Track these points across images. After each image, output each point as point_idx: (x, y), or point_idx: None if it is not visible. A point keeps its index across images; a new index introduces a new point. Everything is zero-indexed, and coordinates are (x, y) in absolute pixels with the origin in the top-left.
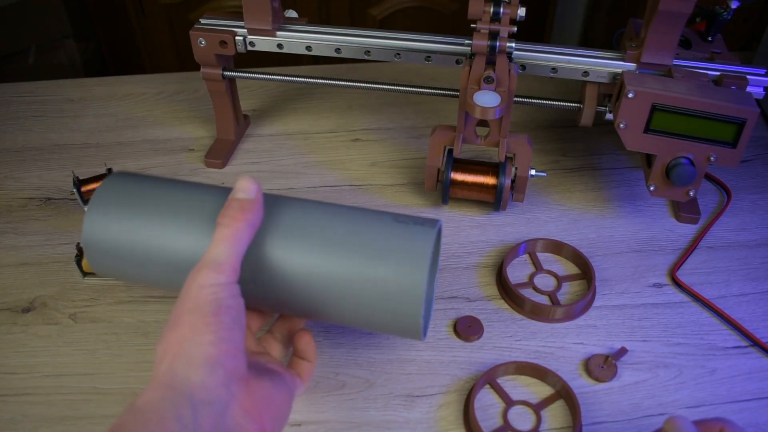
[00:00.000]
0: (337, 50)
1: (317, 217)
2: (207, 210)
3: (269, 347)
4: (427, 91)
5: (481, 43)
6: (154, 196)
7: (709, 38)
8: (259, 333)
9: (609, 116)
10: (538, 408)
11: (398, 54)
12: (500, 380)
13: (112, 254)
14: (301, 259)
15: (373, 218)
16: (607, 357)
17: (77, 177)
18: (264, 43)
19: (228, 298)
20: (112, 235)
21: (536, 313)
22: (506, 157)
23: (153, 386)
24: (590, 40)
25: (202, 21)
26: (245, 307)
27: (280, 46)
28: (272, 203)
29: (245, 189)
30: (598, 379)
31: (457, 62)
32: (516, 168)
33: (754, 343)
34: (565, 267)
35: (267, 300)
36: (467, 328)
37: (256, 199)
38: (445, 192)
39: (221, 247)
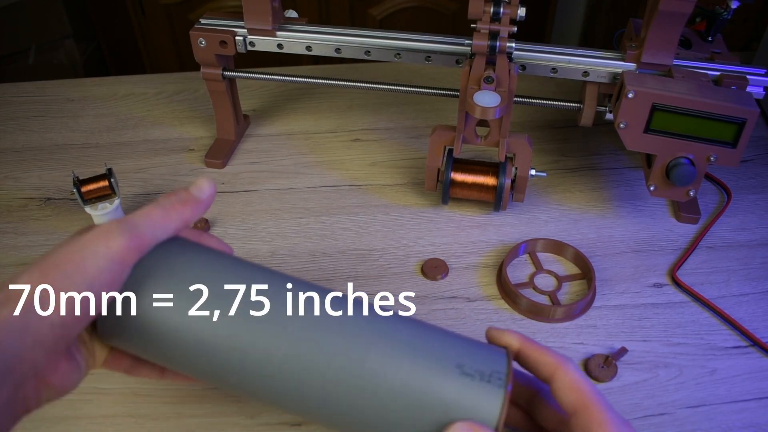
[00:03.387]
0: (337, 50)
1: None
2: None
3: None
4: (427, 91)
5: (481, 43)
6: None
7: (709, 38)
8: None
9: (609, 116)
10: None
11: (398, 54)
12: None
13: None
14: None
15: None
16: (607, 357)
17: (77, 177)
18: (264, 43)
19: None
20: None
21: (536, 313)
22: (506, 157)
23: None
24: (590, 40)
25: (202, 21)
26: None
27: (280, 46)
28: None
29: (201, 188)
30: (598, 379)
31: (457, 62)
32: (516, 168)
33: (754, 343)
34: (565, 267)
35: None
36: None
37: (203, 201)
38: (445, 192)
39: (152, 222)
